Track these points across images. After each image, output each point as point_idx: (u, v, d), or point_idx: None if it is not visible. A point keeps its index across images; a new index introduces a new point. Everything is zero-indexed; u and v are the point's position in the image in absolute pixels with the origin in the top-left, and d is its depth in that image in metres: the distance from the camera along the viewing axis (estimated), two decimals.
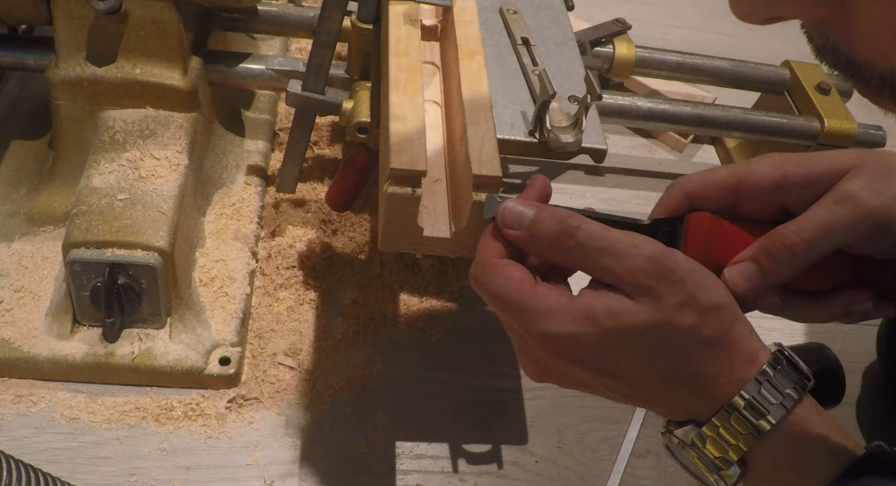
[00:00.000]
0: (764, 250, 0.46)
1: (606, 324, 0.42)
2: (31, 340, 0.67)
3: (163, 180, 0.70)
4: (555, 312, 0.42)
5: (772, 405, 0.42)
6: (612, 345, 0.43)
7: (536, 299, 0.43)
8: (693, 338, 0.42)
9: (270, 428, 0.69)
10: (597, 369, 0.44)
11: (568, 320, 0.42)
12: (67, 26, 0.70)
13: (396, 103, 0.51)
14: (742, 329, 0.44)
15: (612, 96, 0.92)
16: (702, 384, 0.43)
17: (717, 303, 0.43)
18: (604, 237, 0.43)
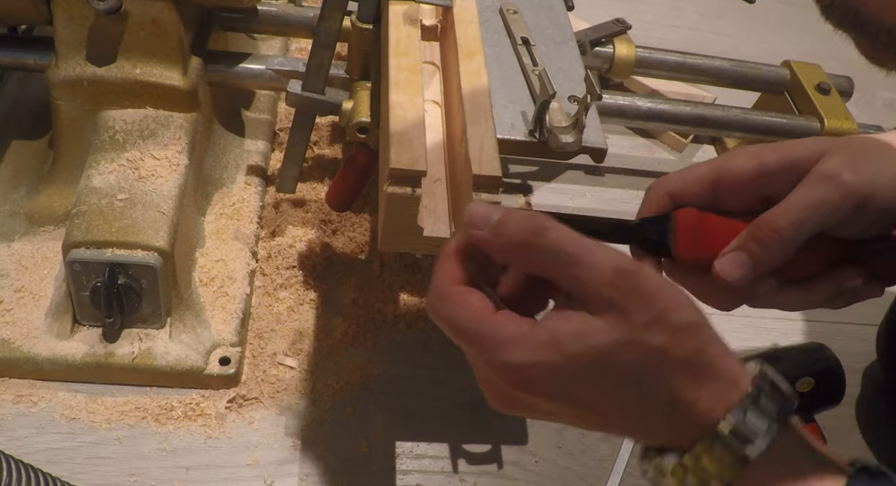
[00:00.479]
0: (752, 238, 0.46)
1: (571, 349, 0.39)
2: (31, 340, 0.67)
3: (163, 180, 0.70)
4: (515, 341, 0.40)
5: (758, 431, 0.39)
6: (578, 372, 0.40)
7: (495, 327, 0.40)
8: (665, 360, 0.39)
9: (270, 428, 0.69)
10: (563, 399, 0.41)
11: (529, 349, 0.39)
12: (67, 26, 0.70)
13: (396, 103, 0.51)
14: (718, 350, 0.41)
15: (612, 96, 0.92)
16: (678, 410, 0.40)
17: (691, 322, 0.40)
18: (573, 243, 0.40)
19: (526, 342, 0.40)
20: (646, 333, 0.39)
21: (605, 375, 0.40)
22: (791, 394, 0.41)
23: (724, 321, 0.91)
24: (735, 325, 0.87)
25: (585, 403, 0.41)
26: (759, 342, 0.83)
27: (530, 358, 0.39)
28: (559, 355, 0.39)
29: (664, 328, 0.39)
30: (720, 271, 0.46)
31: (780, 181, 0.46)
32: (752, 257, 0.46)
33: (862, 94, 1.14)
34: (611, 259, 0.40)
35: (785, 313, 0.89)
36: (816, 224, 0.45)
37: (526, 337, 0.40)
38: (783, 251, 0.45)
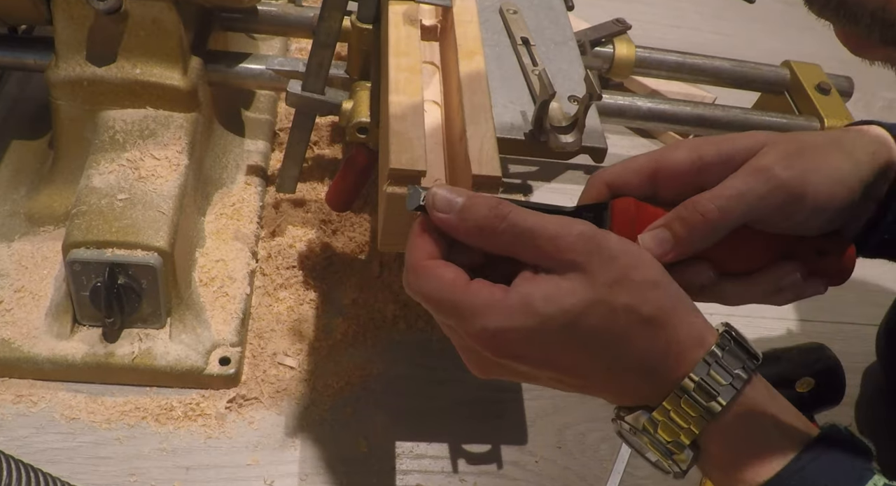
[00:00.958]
0: (677, 217, 0.46)
1: (544, 311, 0.41)
2: (31, 340, 0.67)
3: (163, 180, 0.70)
4: (490, 307, 0.41)
5: (721, 386, 0.41)
6: (551, 334, 0.41)
7: (470, 297, 0.42)
8: (631, 317, 0.41)
9: (270, 428, 0.69)
10: (538, 361, 0.43)
11: (504, 315, 0.41)
12: (67, 26, 0.70)
13: (396, 103, 0.51)
14: (684, 307, 0.43)
15: (612, 96, 0.92)
16: (648, 367, 0.42)
17: (653, 280, 0.42)
18: (533, 219, 0.42)
19: (500, 308, 0.41)
20: (611, 292, 0.41)
21: (579, 336, 0.41)
22: (754, 352, 0.43)
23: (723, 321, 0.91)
24: (735, 324, 0.87)
25: (559, 365, 0.43)
26: (759, 342, 0.82)
27: (506, 323, 0.41)
28: (533, 318, 0.41)
29: (628, 286, 0.41)
30: (642, 245, 0.46)
31: (716, 174, 0.47)
32: (674, 236, 0.46)
33: (862, 94, 1.14)
34: (571, 226, 0.42)
35: (785, 314, 0.90)
36: (742, 213, 0.46)
37: (500, 303, 0.41)
38: (706, 235, 0.46)
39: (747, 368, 0.42)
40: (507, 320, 0.41)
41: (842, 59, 1.15)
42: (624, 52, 0.97)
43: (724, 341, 0.42)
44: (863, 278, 0.97)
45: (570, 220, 0.43)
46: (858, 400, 0.83)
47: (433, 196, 0.43)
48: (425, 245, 0.44)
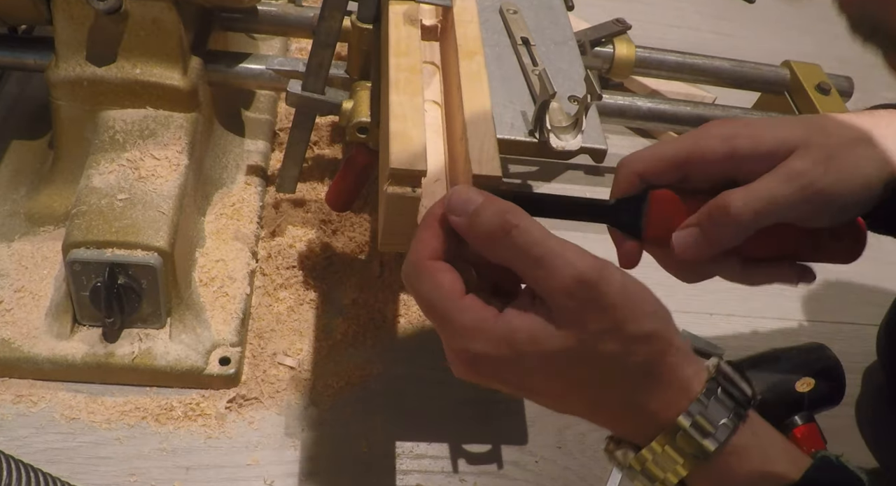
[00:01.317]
0: (709, 217, 0.46)
1: (524, 348, 0.41)
2: (31, 340, 0.67)
3: (163, 180, 0.70)
4: (474, 330, 0.41)
5: (708, 433, 0.41)
6: (531, 368, 0.41)
7: (459, 313, 0.41)
8: (617, 366, 0.41)
9: (270, 428, 0.69)
10: (518, 386, 0.43)
11: (485, 341, 0.41)
12: (67, 26, 0.70)
13: (396, 103, 0.51)
14: (675, 358, 0.42)
15: (612, 96, 0.92)
16: (632, 411, 0.42)
17: (648, 332, 0.41)
18: (539, 244, 0.41)
19: (484, 333, 0.41)
20: (599, 341, 0.40)
21: (559, 375, 0.42)
22: (748, 393, 0.42)
23: (723, 322, 0.92)
24: (735, 325, 0.88)
25: (540, 392, 0.43)
26: (759, 342, 0.83)
27: (485, 349, 0.41)
28: (512, 351, 0.41)
29: (618, 338, 0.40)
30: (675, 245, 0.47)
31: (748, 168, 0.47)
32: (705, 236, 0.46)
33: (862, 94, 1.13)
34: (574, 267, 0.40)
35: (785, 314, 0.90)
36: (774, 217, 0.46)
37: (485, 328, 0.41)
38: (736, 235, 0.46)
39: (735, 416, 0.41)
40: (487, 347, 0.41)
41: (842, 60, 1.15)
42: (624, 52, 0.97)
43: (710, 389, 0.42)
44: (863, 278, 0.97)
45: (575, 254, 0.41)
46: (858, 400, 0.83)
47: (452, 194, 0.43)
48: (431, 241, 0.43)
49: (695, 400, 0.41)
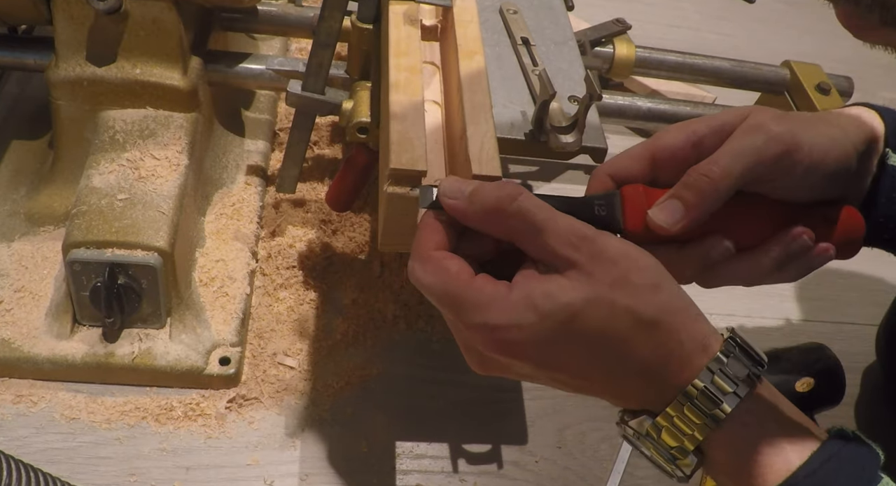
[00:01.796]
0: (683, 185, 0.47)
1: (544, 307, 0.41)
2: (31, 340, 0.67)
3: (163, 180, 0.70)
4: (493, 303, 0.41)
5: (727, 394, 0.41)
6: (552, 332, 0.41)
7: (473, 291, 0.42)
8: (632, 320, 0.41)
9: (270, 428, 0.69)
10: (539, 360, 0.42)
11: (506, 311, 0.41)
12: (67, 26, 0.70)
13: (396, 103, 0.51)
14: (687, 312, 0.43)
15: (612, 96, 0.92)
16: (650, 372, 0.42)
17: (655, 283, 0.42)
18: (540, 211, 0.42)
19: (503, 304, 0.41)
20: (611, 292, 0.41)
21: (579, 334, 0.41)
22: (760, 358, 0.43)
23: (723, 322, 0.92)
24: (735, 324, 0.88)
25: (560, 365, 0.43)
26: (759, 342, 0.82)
27: (507, 319, 0.41)
28: (534, 314, 0.41)
29: (629, 288, 0.41)
30: (653, 219, 0.47)
31: (710, 147, 0.48)
32: (683, 203, 0.47)
33: (862, 94, 1.13)
34: (574, 226, 0.42)
35: (785, 314, 0.90)
36: (744, 167, 0.46)
37: (503, 299, 0.41)
38: (713, 196, 0.46)
39: (752, 375, 0.42)
40: (509, 317, 0.41)
41: (842, 60, 1.15)
42: (624, 52, 0.97)
43: (728, 348, 0.42)
44: (863, 278, 0.97)
45: (574, 220, 0.43)
46: (858, 400, 0.83)
47: (444, 183, 0.44)
48: (433, 235, 0.44)
49: (714, 358, 0.41)
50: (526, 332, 0.41)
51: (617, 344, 0.41)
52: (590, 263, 0.41)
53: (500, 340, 0.42)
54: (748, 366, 0.42)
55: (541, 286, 0.41)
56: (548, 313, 0.41)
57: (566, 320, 0.41)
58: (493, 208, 0.43)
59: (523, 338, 0.41)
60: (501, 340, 0.42)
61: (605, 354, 0.42)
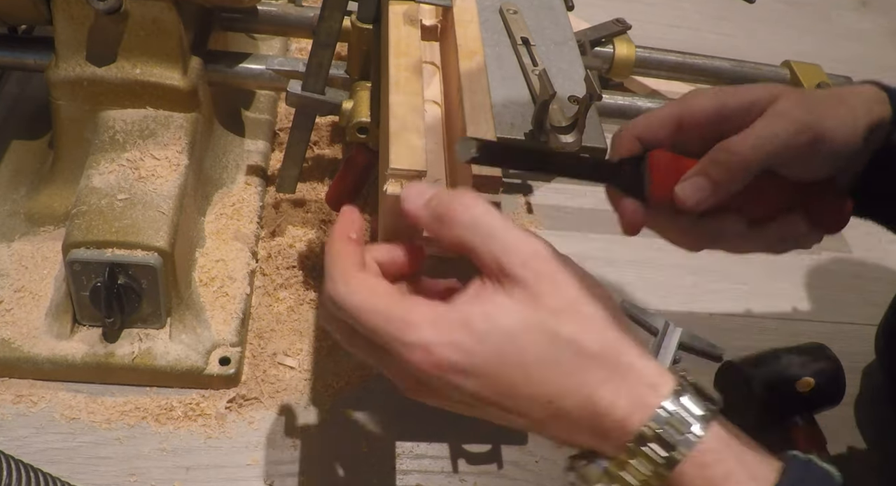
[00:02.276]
0: (712, 162, 0.48)
1: (480, 327, 0.38)
2: (31, 340, 0.67)
3: (163, 180, 0.70)
4: (426, 321, 0.39)
5: (683, 435, 0.38)
6: (489, 355, 0.38)
7: (405, 310, 0.39)
8: (576, 349, 0.39)
9: (270, 428, 0.69)
10: (476, 385, 0.39)
11: (441, 329, 0.39)
12: (67, 26, 0.70)
13: (396, 103, 0.51)
14: (636, 349, 0.40)
15: (612, 96, 0.92)
16: (598, 412, 0.39)
17: (607, 316, 0.39)
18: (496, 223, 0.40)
19: (438, 322, 0.39)
20: (555, 319, 0.39)
21: (517, 359, 0.39)
22: (716, 397, 0.40)
23: (723, 322, 0.92)
24: (735, 325, 0.88)
25: (500, 391, 0.40)
26: (759, 342, 0.82)
27: (442, 338, 0.39)
28: (470, 334, 0.39)
29: (576, 317, 0.39)
30: (680, 194, 0.48)
31: (737, 121, 0.49)
32: (709, 181, 0.47)
33: None
34: (530, 243, 0.40)
35: (785, 314, 0.90)
36: (771, 153, 0.47)
37: (440, 318, 0.39)
38: (740, 175, 0.47)
39: (708, 412, 0.39)
40: (444, 335, 0.39)
41: (842, 60, 1.15)
42: (624, 52, 0.97)
43: (681, 387, 0.40)
44: (863, 278, 0.97)
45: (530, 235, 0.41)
46: (858, 400, 0.83)
47: (406, 189, 0.43)
48: (354, 254, 0.42)
49: (667, 397, 0.39)
50: (461, 352, 0.39)
51: (558, 373, 0.39)
52: (538, 283, 0.39)
53: (435, 358, 0.39)
54: (703, 405, 0.39)
55: (481, 305, 0.39)
56: (485, 333, 0.39)
57: (504, 342, 0.39)
58: (445, 214, 0.41)
59: (458, 358, 0.39)
60: (436, 358, 0.39)
61: (544, 382, 0.39)
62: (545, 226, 0.94)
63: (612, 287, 0.88)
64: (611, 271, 0.90)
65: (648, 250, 0.94)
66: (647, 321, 0.84)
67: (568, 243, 0.93)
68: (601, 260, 0.91)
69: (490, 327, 0.39)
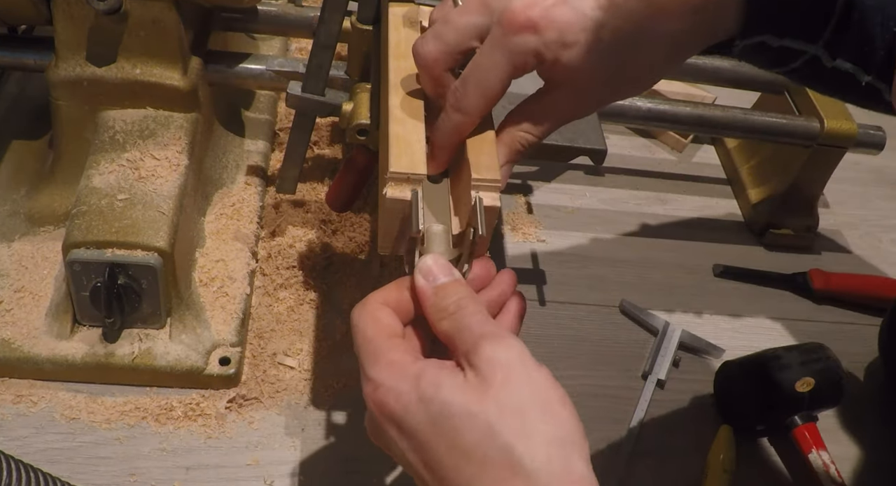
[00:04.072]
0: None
1: (425, 391, 0.39)
2: (31, 340, 0.68)
3: (163, 180, 0.70)
4: (391, 363, 0.41)
5: None
6: (425, 422, 0.39)
7: (383, 347, 0.42)
8: (510, 461, 0.37)
9: (270, 428, 0.69)
10: (408, 448, 0.40)
11: (395, 375, 0.41)
12: (67, 26, 0.70)
13: (396, 106, 0.51)
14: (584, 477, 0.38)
15: None
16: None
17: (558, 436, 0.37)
18: (485, 324, 0.41)
19: (397, 368, 0.41)
20: (498, 414, 0.38)
21: (448, 436, 0.38)
22: None
23: (723, 322, 0.92)
24: (735, 325, 0.88)
25: (427, 459, 0.40)
26: (759, 342, 0.83)
27: (392, 382, 0.41)
28: (414, 390, 0.40)
29: (524, 426, 0.37)
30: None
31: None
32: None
33: None
34: (513, 347, 0.40)
35: (785, 314, 0.90)
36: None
37: (400, 364, 0.41)
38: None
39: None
40: (393, 381, 0.41)
41: None
42: None
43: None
44: None
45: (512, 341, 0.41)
46: (858, 400, 0.83)
47: (424, 261, 0.45)
48: (392, 293, 0.46)
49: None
50: (401, 406, 0.40)
51: (481, 474, 0.37)
52: (492, 374, 0.39)
53: (380, 400, 0.41)
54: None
55: (437, 372, 0.40)
56: (427, 399, 0.39)
57: (440, 417, 0.39)
58: (442, 310, 0.43)
59: (397, 411, 0.40)
60: (381, 401, 0.41)
61: (465, 477, 0.38)
62: (545, 226, 0.94)
63: (613, 287, 0.88)
64: (611, 271, 0.90)
65: (648, 249, 0.94)
66: (647, 321, 0.84)
67: (568, 243, 0.93)
68: (601, 260, 0.92)
69: (433, 394, 0.39)
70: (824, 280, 0.91)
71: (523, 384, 0.39)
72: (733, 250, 0.97)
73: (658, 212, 1.00)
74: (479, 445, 0.37)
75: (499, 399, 0.38)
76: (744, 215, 1.02)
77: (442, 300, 0.43)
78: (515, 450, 0.37)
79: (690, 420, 0.77)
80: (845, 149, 0.93)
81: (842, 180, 1.06)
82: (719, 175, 1.08)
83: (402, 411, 0.40)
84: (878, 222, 1.06)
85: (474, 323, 0.42)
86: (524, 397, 0.38)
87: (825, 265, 0.94)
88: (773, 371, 0.74)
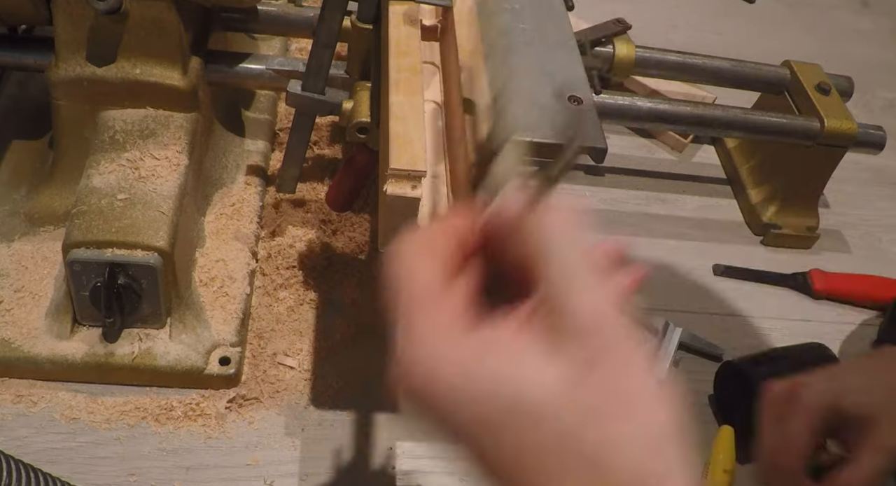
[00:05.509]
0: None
1: (499, 391, 0.29)
2: (31, 340, 0.67)
3: (163, 180, 0.70)
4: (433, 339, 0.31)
5: None
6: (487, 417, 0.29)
7: (426, 310, 0.32)
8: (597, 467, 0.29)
9: (270, 428, 0.69)
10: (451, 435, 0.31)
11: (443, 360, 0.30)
12: (67, 26, 0.70)
13: (396, 104, 0.51)
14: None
15: (612, 96, 0.92)
16: None
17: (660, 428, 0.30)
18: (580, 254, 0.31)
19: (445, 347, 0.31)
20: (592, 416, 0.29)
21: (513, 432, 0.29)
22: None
23: (723, 321, 0.92)
24: (735, 325, 0.88)
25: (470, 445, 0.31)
26: (759, 342, 0.83)
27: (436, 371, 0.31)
28: (474, 384, 0.30)
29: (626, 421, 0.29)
30: None
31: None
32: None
33: (862, 94, 1.13)
34: (612, 294, 0.31)
35: (785, 314, 0.90)
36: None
37: (450, 341, 0.31)
38: None
39: None
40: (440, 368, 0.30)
41: (842, 60, 1.15)
42: (624, 52, 0.97)
43: None
44: None
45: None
46: None
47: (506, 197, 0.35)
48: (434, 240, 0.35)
49: None
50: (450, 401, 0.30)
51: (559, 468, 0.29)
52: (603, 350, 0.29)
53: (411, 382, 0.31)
54: None
55: (507, 357, 0.30)
56: (489, 394, 0.30)
57: (508, 412, 0.29)
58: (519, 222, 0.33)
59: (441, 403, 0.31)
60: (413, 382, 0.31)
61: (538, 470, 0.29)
62: None
63: None
64: None
65: (648, 249, 0.94)
66: (647, 321, 0.84)
67: None
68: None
69: (512, 395, 0.29)
70: (824, 280, 0.91)
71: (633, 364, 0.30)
72: (733, 249, 0.97)
73: (658, 212, 1.00)
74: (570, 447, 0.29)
75: (604, 388, 0.30)
76: (744, 215, 1.02)
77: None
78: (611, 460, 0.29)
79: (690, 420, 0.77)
80: (845, 148, 0.93)
81: (842, 180, 1.06)
82: (719, 175, 1.08)
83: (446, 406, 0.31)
84: (878, 222, 1.06)
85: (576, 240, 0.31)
86: (636, 383, 0.30)
87: (825, 265, 0.94)
88: (773, 371, 0.74)
